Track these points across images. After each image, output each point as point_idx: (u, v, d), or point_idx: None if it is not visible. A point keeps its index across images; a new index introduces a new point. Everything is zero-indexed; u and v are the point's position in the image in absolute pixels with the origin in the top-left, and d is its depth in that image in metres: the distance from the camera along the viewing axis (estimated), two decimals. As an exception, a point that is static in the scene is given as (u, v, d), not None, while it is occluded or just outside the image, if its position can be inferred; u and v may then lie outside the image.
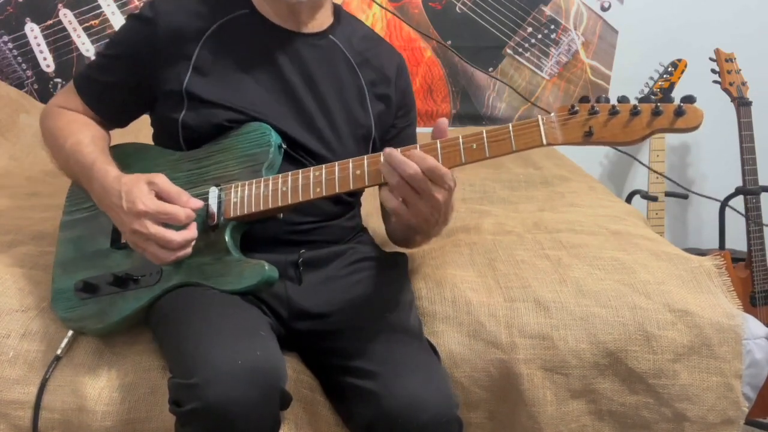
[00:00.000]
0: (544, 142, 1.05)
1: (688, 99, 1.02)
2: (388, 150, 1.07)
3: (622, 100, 1.04)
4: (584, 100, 1.04)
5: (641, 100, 1.03)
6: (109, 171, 1.22)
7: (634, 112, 1.02)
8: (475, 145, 1.07)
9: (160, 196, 1.17)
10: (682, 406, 1.28)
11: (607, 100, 1.04)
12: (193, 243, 1.18)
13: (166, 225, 1.16)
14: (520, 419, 1.27)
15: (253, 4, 1.31)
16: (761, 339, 1.32)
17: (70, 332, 1.24)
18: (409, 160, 1.05)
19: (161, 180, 1.18)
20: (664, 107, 1.01)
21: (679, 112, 1.01)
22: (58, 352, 1.22)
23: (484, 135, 1.07)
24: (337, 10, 1.39)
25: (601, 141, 1.04)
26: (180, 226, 1.17)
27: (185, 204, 1.17)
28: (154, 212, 1.14)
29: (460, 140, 1.08)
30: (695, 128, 1.02)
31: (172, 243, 1.15)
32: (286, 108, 1.29)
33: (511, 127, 1.06)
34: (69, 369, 1.21)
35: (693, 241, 2.72)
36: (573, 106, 1.04)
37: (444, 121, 1.10)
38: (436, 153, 1.08)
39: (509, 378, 1.26)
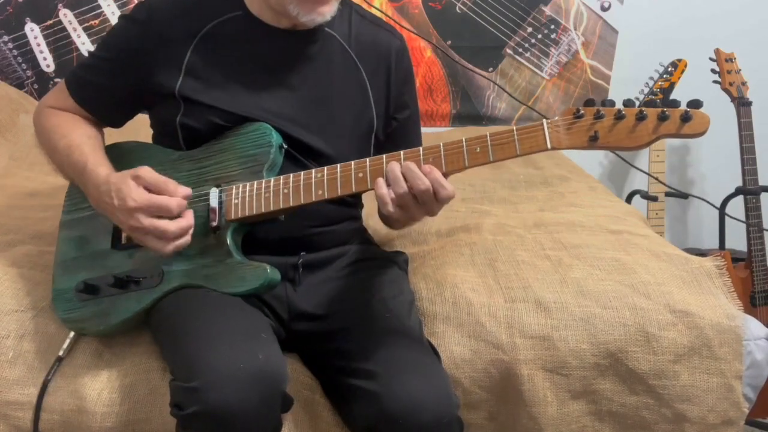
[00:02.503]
0: (549, 146, 1.03)
1: (695, 104, 1.00)
2: (406, 164, 1.07)
3: (628, 104, 1.02)
4: (589, 103, 1.03)
5: (647, 104, 1.01)
6: (100, 172, 1.21)
7: (640, 116, 1.00)
8: (478, 149, 1.06)
9: (148, 189, 1.16)
10: (682, 407, 1.28)
11: (613, 104, 1.02)
12: (191, 230, 1.17)
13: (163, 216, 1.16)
14: (520, 420, 1.27)
15: (245, 5, 1.29)
16: (761, 340, 1.32)
17: (72, 333, 1.24)
18: (424, 176, 1.05)
19: (145, 172, 1.17)
20: (670, 112, 0.99)
21: (685, 118, 0.99)
22: (60, 353, 1.21)
23: (488, 138, 1.06)
24: None
25: (606, 146, 1.02)
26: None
27: (174, 192, 1.17)
28: (146, 206, 1.14)
29: (464, 143, 1.07)
30: (702, 134, 1.00)
31: (167, 233, 1.14)
32: (285, 108, 1.28)
33: (515, 131, 1.05)
34: (69, 370, 1.20)
35: (693, 241, 2.72)
36: (578, 110, 1.02)
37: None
38: (439, 157, 1.08)
39: (510, 378, 1.26)
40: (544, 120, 1.04)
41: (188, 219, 1.17)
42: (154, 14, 1.27)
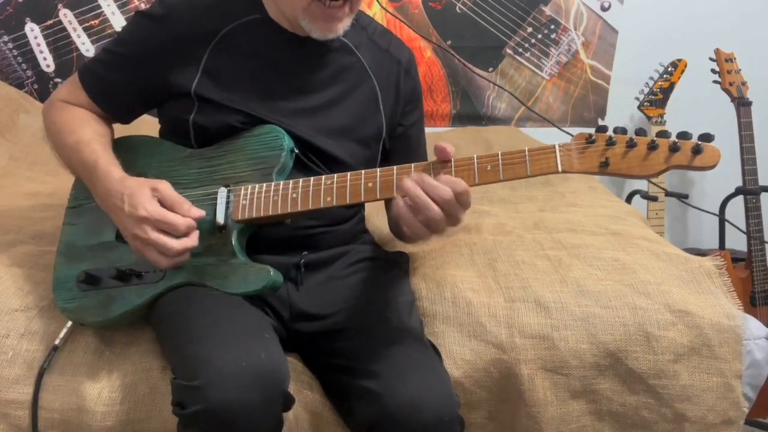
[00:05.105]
0: (560, 169, 1.04)
1: (706, 137, 1.01)
2: (418, 174, 1.06)
3: (639, 132, 1.03)
4: (602, 129, 1.04)
5: (659, 135, 1.02)
6: (113, 172, 1.21)
7: (652, 146, 1.02)
8: (489, 167, 1.08)
9: (162, 203, 1.16)
10: (682, 407, 1.28)
11: (625, 132, 1.04)
12: (191, 250, 1.17)
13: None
14: (520, 419, 1.27)
15: (264, 9, 1.30)
16: (761, 339, 1.32)
17: (69, 323, 1.23)
18: (443, 184, 1.04)
19: (165, 187, 1.17)
20: (681, 144, 1.01)
21: (696, 150, 1.00)
22: (57, 342, 1.21)
23: (500, 157, 1.07)
24: None
25: (617, 172, 1.03)
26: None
27: (186, 213, 1.16)
28: (155, 219, 1.14)
29: (475, 160, 1.08)
30: (712, 167, 1.01)
31: (170, 250, 1.14)
32: (298, 112, 1.29)
33: (527, 152, 1.06)
34: (69, 369, 1.20)
35: (693, 241, 2.72)
36: (591, 135, 1.04)
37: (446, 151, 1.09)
38: (449, 172, 1.08)
39: (509, 378, 1.26)
40: (557, 143, 1.06)
41: (193, 239, 1.16)
42: (172, 13, 1.28)
